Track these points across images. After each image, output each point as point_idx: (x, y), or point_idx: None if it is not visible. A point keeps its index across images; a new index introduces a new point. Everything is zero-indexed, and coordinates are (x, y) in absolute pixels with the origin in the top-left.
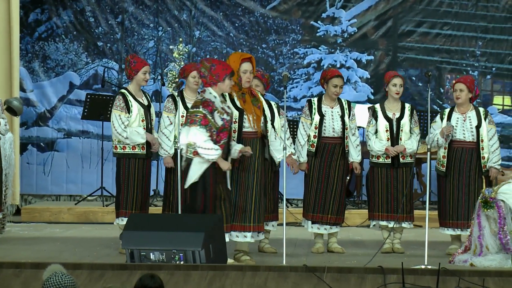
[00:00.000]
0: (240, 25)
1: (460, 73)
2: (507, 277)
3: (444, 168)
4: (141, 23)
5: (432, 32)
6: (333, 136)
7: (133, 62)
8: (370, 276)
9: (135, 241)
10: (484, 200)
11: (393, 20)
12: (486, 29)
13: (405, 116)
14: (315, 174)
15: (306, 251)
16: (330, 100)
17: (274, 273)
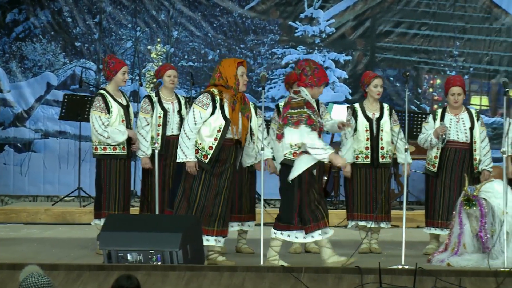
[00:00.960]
0: (218, 26)
1: (438, 73)
2: (484, 277)
3: (435, 168)
4: (119, 23)
5: (410, 32)
6: None
7: (112, 63)
8: (347, 276)
9: (112, 241)
10: (467, 198)
11: (371, 20)
12: (463, 30)
13: (385, 116)
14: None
15: (284, 251)
16: None
17: (251, 273)
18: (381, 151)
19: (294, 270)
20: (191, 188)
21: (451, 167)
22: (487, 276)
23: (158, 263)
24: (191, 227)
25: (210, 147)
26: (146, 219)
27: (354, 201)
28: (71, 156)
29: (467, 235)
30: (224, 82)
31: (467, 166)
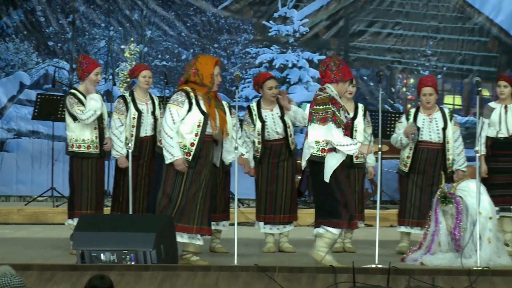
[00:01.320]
0: (192, 25)
1: (411, 72)
2: (457, 275)
3: (406, 168)
4: (92, 22)
5: (383, 32)
6: (278, 138)
7: (85, 63)
8: (321, 275)
9: (86, 241)
10: (443, 195)
11: (345, 20)
12: (437, 29)
13: (359, 116)
14: (264, 175)
15: (258, 250)
16: (269, 103)
17: (225, 273)
18: None
19: (268, 269)
20: (173, 186)
21: (423, 167)
22: (460, 275)
23: (131, 263)
24: (165, 227)
25: (191, 143)
26: (119, 219)
27: None
28: (44, 156)
29: (442, 234)
30: (200, 79)
31: (439, 166)
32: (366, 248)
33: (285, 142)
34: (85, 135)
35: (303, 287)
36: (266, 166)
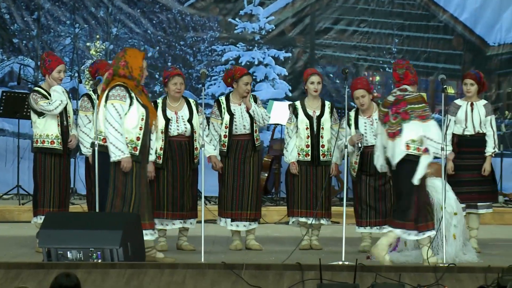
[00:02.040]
0: (157, 22)
1: (377, 70)
2: (423, 272)
3: (355, 173)
4: (57, 20)
5: (349, 29)
6: (244, 133)
7: (48, 60)
8: (288, 272)
9: (52, 239)
10: None
11: (311, 17)
12: (402, 27)
13: (326, 114)
14: (230, 171)
15: (225, 248)
16: (239, 98)
17: (192, 270)
18: (321, 149)
19: (235, 267)
20: (125, 184)
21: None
22: (427, 271)
23: (98, 260)
24: (132, 224)
25: (137, 137)
26: (86, 216)
27: (295, 198)
28: (9, 153)
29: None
30: (129, 72)
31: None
32: (333, 245)
33: (250, 138)
34: (49, 130)
35: (270, 284)
36: (232, 162)
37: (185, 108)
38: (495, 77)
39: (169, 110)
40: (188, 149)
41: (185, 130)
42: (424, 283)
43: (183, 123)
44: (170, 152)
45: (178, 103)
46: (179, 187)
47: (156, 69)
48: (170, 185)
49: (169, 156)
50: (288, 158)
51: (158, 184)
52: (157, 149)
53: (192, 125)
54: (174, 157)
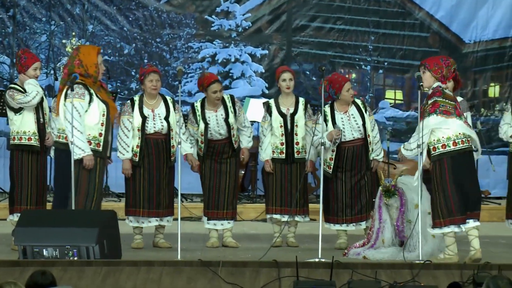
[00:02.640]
0: (134, 19)
1: (353, 67)
2: (399, 269)
3: (330, 169)
4: (33, 17)
5: (325, 26)
6: (221, 139)
7: (24, 58)
8: (264, 270)
9: (27, 237)
10: (386, 189)
11: (287, 14)
12: (378, 24)
13: (300, 111)
14: (207, 171)
15: (201, 245)
16: (213, 105)
17: (169, 268)
18: (296, 146)
19: (212, 264)
20: (88, 180)
21: (350, 165)
22: (403, 268)
23: (74, 258)
24: (108, 222)
25: (100, 133)
26: (62, 214)
27: (270, 195)
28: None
29: (386, 231)
30: (84, 70)
31: (365, 161)
32: (310, 243)
33: (228, 141)
34: (26, 127)
35: (246, 281)
36: (209, 163)
37: (162, 105)
38: (471, 74)
39: (146, 108)
40: (165, 147)
41: (162, 127)
42: (400, 280)
43: (159, 120)
44: (147, 149)
45: (155, 100)
46: (155, 184)
47: (132, 66)
48: (147, 182)
49: (146, 154)
50: (262, 156)
51: (134, 182)
52: (134, 146)
53: (169, 123)
54: (150, 154)
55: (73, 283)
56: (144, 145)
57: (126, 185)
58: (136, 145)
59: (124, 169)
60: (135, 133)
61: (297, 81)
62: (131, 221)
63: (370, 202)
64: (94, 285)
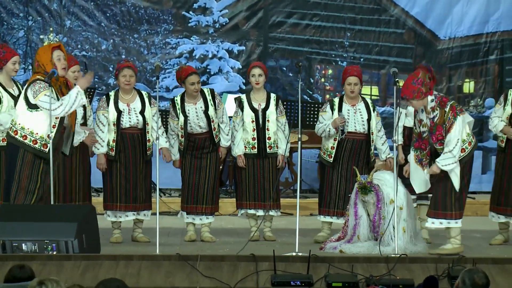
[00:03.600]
0: (111, 15)
1: (329, 63)
2: (375, 263)
3: (331, 158)
4: (10, 12)
5: (302, 23)
6: (201, 132)
7: (2, 52)
8: (242, 263)
9: (6, 231)
10: (362, 186)
11: (264, 11)
12: (354, 20)
13: (271, 106)
14: (187, 166)
15: (179, 240)
16: (192, 97)
17: (147, 262)
18: (268, 141)
19: (190, 258)
20: (29, 178)
21: (348, 157)
22: (379, 262)
23: (53, 252)
24: (87, 216)
25: (48, 135)
26: (41, 209)
27: (243, 190)
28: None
29: (362, 227)
30: (42, 69)
31: (363, 156)
32: (287, 237)
33: (209, 135)
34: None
35: (224, 275)
36: (189, 158)
37: (138, 100)
38: (446, 71)
39: (121, 103)
40: (141, 141)
41: (137, 122)
42: (376, 273)
43: (135, 115)
44: (122, 144)
45: (131, 95)
46: (131, 179)
47: (110, 61)
48: (123, 177)
49: (122, 148)
50: (235, 151)
51: (111, 176)
52: (109, 141)
53: (144, 117)
54: (126, 149)
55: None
56: (120, 139)
57: (103, 180)
58: (112, 140)
59: (98, 163)
60: (110, 128)
61: (273, 77)
62: (108, 216)
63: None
64: (73, 279)
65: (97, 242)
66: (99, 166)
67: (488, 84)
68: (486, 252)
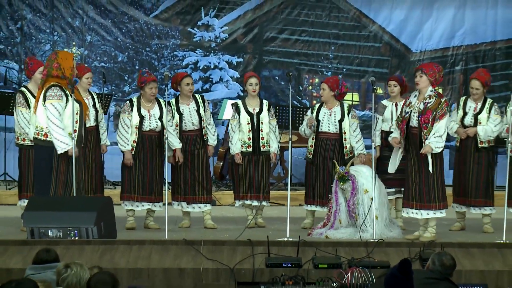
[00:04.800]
0: (126, 31)
1: (316, 73)
2: (356, 247)
3: (311, 155)
4: (38, 28)
5: (292, 38)
6: (193, 129)
7: (30, 64)
8: (240, 248)
9: (35, 220)
10: (340, 176)
11: (259, 27)
12: (337, 36)
13: (264, 110)
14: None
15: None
16: (186, 99)
17: (157, 246)
18: (261, 141)
19: (195, 243)
20: (67, 172)
21: (323, 154)
22: (359, 246)
23: (75, 238)
24: (104, 206)
25: (74, 130)
26: (64, 200)
27: (240, 184)
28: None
29: (342, 212)
30: (61, 73)
31: (337, 153)
32: (279, 224)
33: (199, 133)
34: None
35: (225, 258)
36: (183, 153)
37: (157, 107)
38: None
39: (143, 109)
40: (158, 143)
41: (156, 126)
42: (357, 256)
43: (154, 120)
44: (142, 144)
45: (151, 103)
46: (148, 174)
47: (125, 72)
48: (141, 173)
49: (141, 148)
50: (233, 150)
51: (130, 171)
52: (131, 141)
53: (162, 122)
54: (145, 149)
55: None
56: (140, 140)
57: (122, 174)
58: (133, 140)
59: (126, 159)
60: (132, 130)
61: (267, 85)
62: (126, 205)
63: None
64: (92, 261)
65: (113, 229)
66: (126, 162)
67: (454, 91)
68: (453, 238)
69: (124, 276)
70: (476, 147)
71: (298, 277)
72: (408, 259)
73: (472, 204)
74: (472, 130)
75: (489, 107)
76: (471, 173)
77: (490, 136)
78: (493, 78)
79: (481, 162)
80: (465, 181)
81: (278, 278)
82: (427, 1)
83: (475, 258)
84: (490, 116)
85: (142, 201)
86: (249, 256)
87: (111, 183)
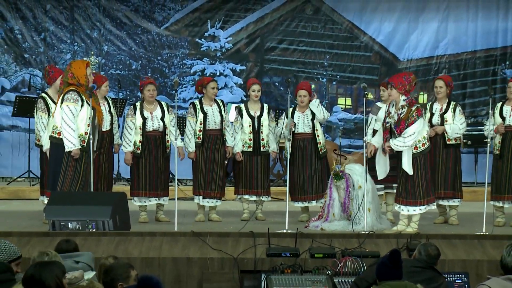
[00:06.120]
0: (140, 42)
1: (312, 80)
2: (349, 238)
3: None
4: (59, 39)
5: (290, 48)
6: (215, 129)
7: (51, 71)
8: (243, 239)
9: (56, 213)
10: (336, 173)
11: (261, 38)
12: (332, 46)
13: (264, 114)
14: (203, 159)
15: (193, 220)
16: (209, 100)
17: (167, 237)
18: (262, 141)
19: (202, 234)
20: (74, 169)
21: (302, 153)
22: (352, 237)
23: (93, 230)
24: (119, 201)
25: (85, 132)
26: (83, 195)
27: (240, 180)
28: (21, 145)
29: (335, 206)
30: (76, 81)
31: (314, 151)
32: (279, 217)
33: (220, 133)
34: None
35: (229, 248)
36: (205, 151)
37: (158, 109)
38: None
39: (146, 111)
40: (161, 141)
41: (159, 126)
42: (350, 247)
43: (157, 121)
44: (147, 144)
45: (153, 105)
46: (154, 171)
47: (139, 78)
48: (147, 170)
49: (146, 147)
50: (235, 149)
51: (137, 169)
52: (136, 141)
53: (164, 123)
54: (150, 148)
55: (92, 250)
56: (144, 140)
57: (131, 172)
58: (138, 140)
59: (125, 159)
60: (137, 131)
61: (268, 90)
62: (135, 201)
63: (320, 185)
64: (108, 251)
65: (127, 222)
66: (126, 162)
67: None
68: (437, 230)
69: (137, 265)
70: (444, 144)
71: (296, 266)
72: (398, 250)
73: (441, 196)
74: (440, 128)
75: (454, 108)
76: (440, 168)
77: (457, 134)
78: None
79: (449, 158)
80: (434, 175)
81: (278, 267)
82: (413, 15)
83: (457, 248)
84: (455, 116)
85: (150, 196)
86: (251, 246)
87: (125, 179)
